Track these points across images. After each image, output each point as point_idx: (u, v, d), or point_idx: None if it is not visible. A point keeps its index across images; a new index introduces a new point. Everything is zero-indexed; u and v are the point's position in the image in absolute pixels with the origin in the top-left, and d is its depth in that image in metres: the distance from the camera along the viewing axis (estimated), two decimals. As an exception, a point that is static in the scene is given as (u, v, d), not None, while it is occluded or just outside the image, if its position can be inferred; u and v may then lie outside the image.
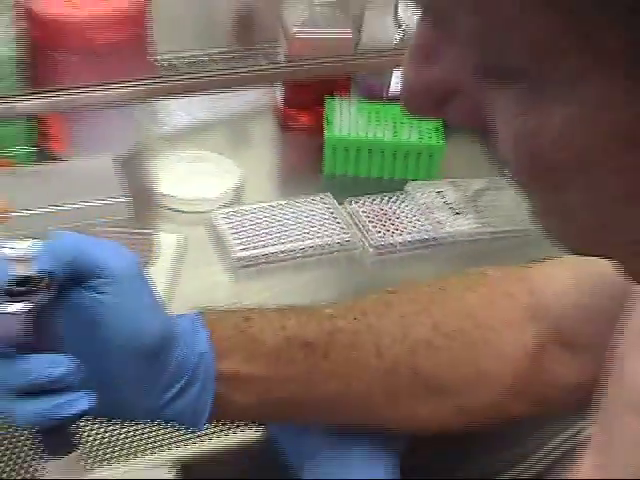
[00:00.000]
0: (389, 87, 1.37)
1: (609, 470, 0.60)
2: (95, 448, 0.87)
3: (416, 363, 0.75)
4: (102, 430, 0.89)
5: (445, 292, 0.79)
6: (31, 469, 0.84)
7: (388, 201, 1.19)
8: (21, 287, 0.58)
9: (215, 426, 0.89)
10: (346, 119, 1.26)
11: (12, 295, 0.58)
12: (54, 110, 1.06)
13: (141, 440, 0.89)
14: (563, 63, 0.37)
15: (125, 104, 1.05)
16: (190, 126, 1.33)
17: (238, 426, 0.90)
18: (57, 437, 0.60)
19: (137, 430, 0.90)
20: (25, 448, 0.86)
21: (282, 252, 1.09)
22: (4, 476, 0.84)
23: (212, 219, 1.13)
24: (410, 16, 1.31)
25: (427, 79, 0.43)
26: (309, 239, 1.11)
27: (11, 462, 0.85)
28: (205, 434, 0.89)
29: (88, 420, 0.86)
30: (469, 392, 0.77)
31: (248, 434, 0.90)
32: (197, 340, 0.68)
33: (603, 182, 0.40)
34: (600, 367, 0.66)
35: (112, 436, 0.89)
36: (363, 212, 1.16)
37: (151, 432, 0.90)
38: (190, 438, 0.89)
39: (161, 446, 0.89)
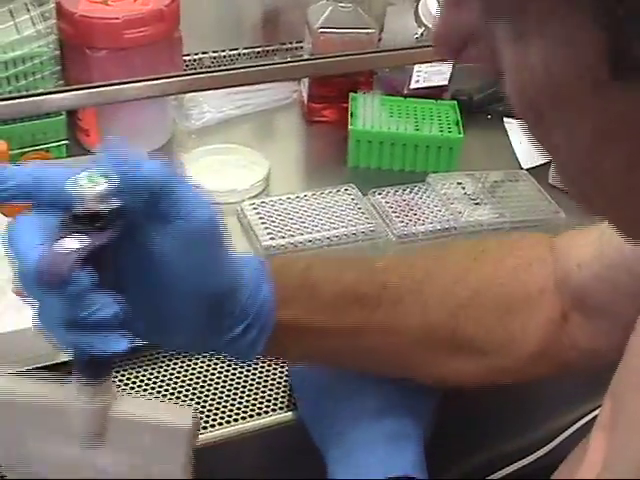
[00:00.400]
0: (409, 83, 1.41)
1: (612, 448, 0.62)
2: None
3: (456, 326, 0.79)
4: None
5: (486, 254, 0.83)
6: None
7: (410, 192, 1.22)
8: (83, 223, 0.56)
9: (245, 407, 0.93)
10: (369, 113, 1.29)
11: (73, 230, 0.56)
12: (88, 104, 1.09)
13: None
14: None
15: (157, 98, 1.08)
16: (219, 120, 1.37)
17: (267, 411, 0.93)
18: (93, 368, 0.61)
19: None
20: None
21: (309, 241, 1.12)
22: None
23: (241, 210, 1.17)
24: (430, 13, 1.34)
25: (452, 22, 0.46)
26: (334, 229, 1.14)
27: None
28: (234, 418, 0.92)
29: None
30: (501, 354, 0.80)
31: (277, 417, 0.93)
32: (260, 288, 0.71)
33: (575, 122, 0.42)
34: (615, 337, 0.70)
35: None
36: (386, 202, 1.20)
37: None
38: (219, 421, 0.92)
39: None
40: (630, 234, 0.49)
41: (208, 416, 0.91)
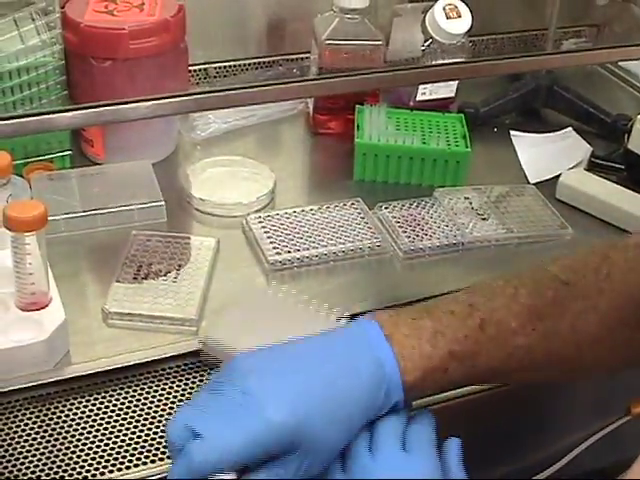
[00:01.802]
0: (416, 95, 1.40)
1: None
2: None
3: (580, 357, 0.83)
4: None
5: (610, 280, 0.83)
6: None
7: (417, 206, 1.21)
8: None
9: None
10: (376, 126, 1.28)
11: None
12: (96, 123, 1.08)
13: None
14: None
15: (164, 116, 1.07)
16: (225, 131, 1.36)
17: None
18: None
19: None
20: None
21: (315, 256, 1.11)
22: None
23: (246, 223, 1.16)
24: (437, 25, 1.33)
25: None
26: (341, 244, 1.13)
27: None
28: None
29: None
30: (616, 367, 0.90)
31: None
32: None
33: None
34: None
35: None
36: (393, 217, 1.19)
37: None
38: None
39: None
40: None
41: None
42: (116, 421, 0.90)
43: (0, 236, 0.94)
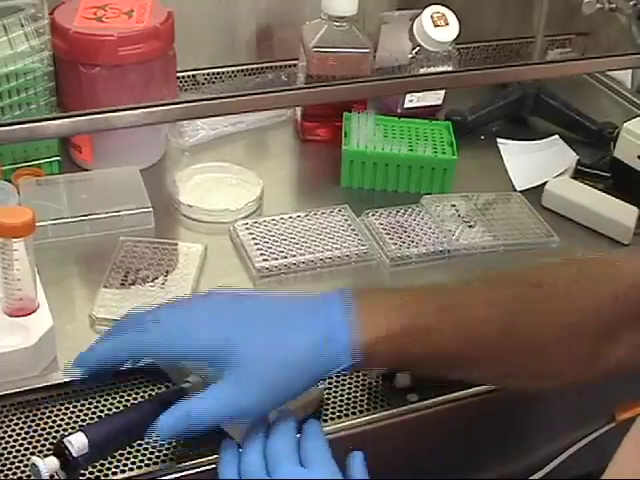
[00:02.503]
0: (403, 102, 1.40)
1: None
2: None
3: (542, 360, 0.85)
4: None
5: (580, 288, 0.86)
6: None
7: (404, 213, 1.22)
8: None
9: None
10: (363, 133, 1.29)
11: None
12: (84, 131, 1.09)
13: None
14: None
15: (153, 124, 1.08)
16: (213, 138, 1.37)
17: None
18: None
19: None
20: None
21: (302, 263, 1.12)
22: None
23: (233, 230, 1.16)
24: (424, 32, 1.34)
25: None
26: (328, 250, 1.14)
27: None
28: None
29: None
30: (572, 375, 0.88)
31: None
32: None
33: None
34: None
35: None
36: (380, 224, 1.19)
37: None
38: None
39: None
40: None
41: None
42: (103, 427, 0.90)
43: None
